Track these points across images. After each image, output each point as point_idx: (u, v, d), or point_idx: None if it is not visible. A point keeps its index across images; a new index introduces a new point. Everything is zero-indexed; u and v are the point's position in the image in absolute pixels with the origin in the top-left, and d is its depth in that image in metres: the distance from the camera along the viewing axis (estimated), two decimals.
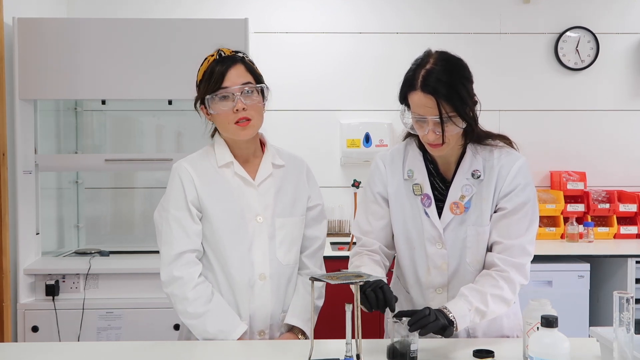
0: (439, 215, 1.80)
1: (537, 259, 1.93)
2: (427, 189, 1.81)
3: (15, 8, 3.09)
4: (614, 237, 3.78)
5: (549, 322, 1.30)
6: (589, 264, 3.31)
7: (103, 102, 3.39)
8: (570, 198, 3.87)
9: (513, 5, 4.00)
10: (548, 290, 3.25)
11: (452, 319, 1.59)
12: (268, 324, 1.88)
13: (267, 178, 1.90)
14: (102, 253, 3.32)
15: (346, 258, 1.93)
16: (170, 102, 3.31)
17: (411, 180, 1.84)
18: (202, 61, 1.86)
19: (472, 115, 1.70)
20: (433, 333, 1.55)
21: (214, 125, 1.90)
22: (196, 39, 3.07)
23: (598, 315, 3.39)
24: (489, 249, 1.79)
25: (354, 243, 1.94)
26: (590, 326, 3.13)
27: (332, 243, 3.64)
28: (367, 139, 3.85)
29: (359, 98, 3.97)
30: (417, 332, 1.53)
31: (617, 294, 1.28)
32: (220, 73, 1.79)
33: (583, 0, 4.00)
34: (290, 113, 3.91)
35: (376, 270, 1.77)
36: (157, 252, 1.87)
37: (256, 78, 1.85)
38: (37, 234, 3.19)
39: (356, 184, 3.83)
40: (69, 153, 3.63)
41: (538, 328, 1.41)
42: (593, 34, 3.97)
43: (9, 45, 3.03)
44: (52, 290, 3.00)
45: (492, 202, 1.78)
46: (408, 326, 1.53)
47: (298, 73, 3.94)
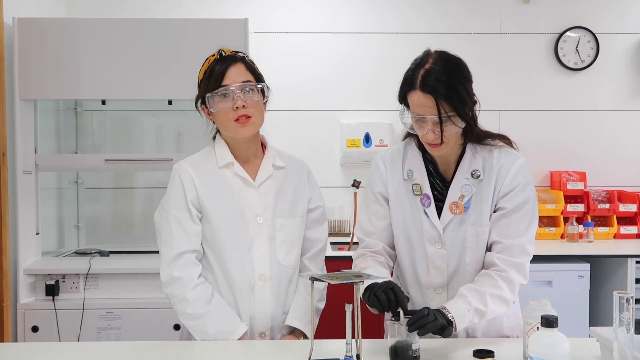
0: (439, 215, 1.79)
1: (537, 259, 1.93)
2: (427, 189, 1.81)
3: (15, 8, 3.09)
4: (614, 237, 3.78)
5: (549, 322, 1.30)
6: (589, 264, 3.31)
7: (103, 102, 3.39)
8: (570, 198, 3.87)
9: (513, 5, 4.00)
10: (548, 290, 3.25)
11: (451, 319, 1.59)
12: (269, 326, 1.87)
13: (268, 179, 1.90)
14: (102, 253, 3.32)
15: (346, 258, 1.93)
16: (170, 102, 3.31)
17: (411, 180, 1.84)
18: (204, 61, 1.87)
19: (472, 115, 1.70)
20: (432, 333, 1.54)
21: (215, 126, 1.91)
22: (196, 39, 3.07)
23: (598, 315, 3.39)
24: (489, 249, 1.79)
25: (355, 243, 1.94)
26: (590, 326, 3.13)
27: (332, 243, 3.62)
28: (367, 139, 3.85)
29: (359, 98, 3.97)
30: (417, 332, 1.53)
31: (617, 294, 1.28)
32: (220, 71, 1.80)
33: (583, 0, 4.00)
34: (290, 113, 3.91)
35: (381, 271, 1.76)
36: (157, 252, 1.87)
37: (256, 77, 1.86)
38: (37, 234, 3.19)
39: (356, 184, 3.82)
40: (69, 153, 3.63)
41: (538, 328, 1.41)
42: (593, 34, 3.97)
43: (9, 45, 3.03)
44: (52, 290, 3.00)
45: (492, 202, 1.77)
46: (407, 326, 1.53)
47: (298, 73, 3.94)
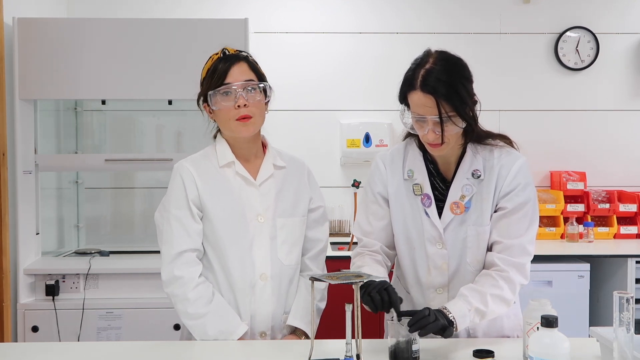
0: (439, 215, 1.79)
1: (537, 259, 1.93)
2: (427, 189, 1.81)
3: (15, 8, 3.09)
4: (614, 237, 3.78)
5: (549, 322, 1.30)
6: (589, 264, 3.31)
7: (103, 102, 3.39)
8: (570, 198, 3.87)
9: (513, 5, 4.00)
10: (548, 290, 3.26)
11: (452, 320, 1.59)
12: (269, 325, 1.87)
13: (269, 178, 1.90)
14: (102, 253, 3.32)
15: (346, 258, 1.93)
16: (170, 102, 3.31)
17: (411, 180, 1.83)
18: (207, 60, 1.87)
19: (472, 114, 1.70)
20: (433, 333, 1.54)
21: (216, 125, 1.91)
22: (196, 39, 3.07)
23: (598, 315, 3.39)
24: (489, 249, 1.79)
25: (355, 243, 1.94)
26: (590, 326, 3.13)
27: (332, 243, 3.62)
28: (367, 139, 3.85)
29: (359, 98, 3.97)
30: (417, 333, 1.53)
31: (617, 294, 1.28)
32: (223, 70, 1.81)
33: (583, 0, 4.00)
34: (290, 113, 3.91)
35: (378, 270, 1.76)
36: (157, 252, 1.87)
37: (259, 76, 1.86)
38: (37, 234, 3.19)
39: (356, 184, 3.82)
40: (69, 153, 3.63)
41: (538, 328, 1.41)
42: (593, 34, 3.97)
43: (9, 45, 3.03)
44: (52, 290, 3.00)
45: (493, 202, 1.77)
46: (408, 327, 1.53)
47: (298, 73, 3.94)
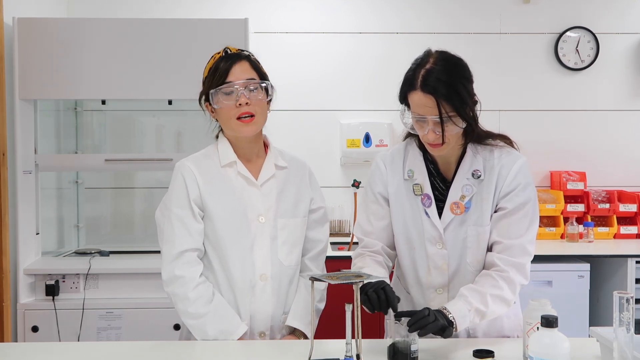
0: (440, 215, 1.79)
1: (537, 259, 1.93)
2: (428, 189, 1.81)
3: (15, 8, 3.09)
4: (614, 237, 3.78)
5: (549, 322, 1.30)
6: (589, 264, 3.31)
7: (103, 102, 3.39)
8: (570, 198, 3.87)
9: (513, 5, 4.00)
10: (548, 290, 3.25)
11: (452, 320, 1.59)
12: (269, 326, 1.87)
13: (270, 179, 1.90)
14: (102, 253, 3.32)
15: (346, 258, 1.93)
16: (170, 102, 3.31)
17: (411, 180, 1.83)
18: (209, 59, 1.87)
19: (472, 115, 1.70)
20: (432, 334, 1.54)
21: (218, 125, 1.91)
22: (196, 39, 3.07)
23: (598, 315, 3.39)
24: (489, 249, 1.79)
25: (355, 243, 1.94)
26: (590, 326, 3.13)
27: (332, 243, 3.61)
28: (367, 139, 3.85)
29: (359, 98, 3.97)
30: (417, 333, 1.53)
31: (617, 294, 1.28)
32: (225, 68, 1.81)
33: (583, 0, 4.00)
34: (290, 113, 3.91)
35: (378, 271, 1.76)
36: (158, 252, 1.87)
37: (261, 75, 1.86)
38: (37, 234, 3.19)
39: (356, 184, 3.82)
40: (69, 153, 3.63)
41: (538, 328, 1.41)
42: (593, 34, 3.97)
43: (9, 45, 3.03)
44: (52, 290, 3.00)
45: (493, 202, 1.77)
46: (407, 327, 1.53)
47: (298, 73, 3.93)
